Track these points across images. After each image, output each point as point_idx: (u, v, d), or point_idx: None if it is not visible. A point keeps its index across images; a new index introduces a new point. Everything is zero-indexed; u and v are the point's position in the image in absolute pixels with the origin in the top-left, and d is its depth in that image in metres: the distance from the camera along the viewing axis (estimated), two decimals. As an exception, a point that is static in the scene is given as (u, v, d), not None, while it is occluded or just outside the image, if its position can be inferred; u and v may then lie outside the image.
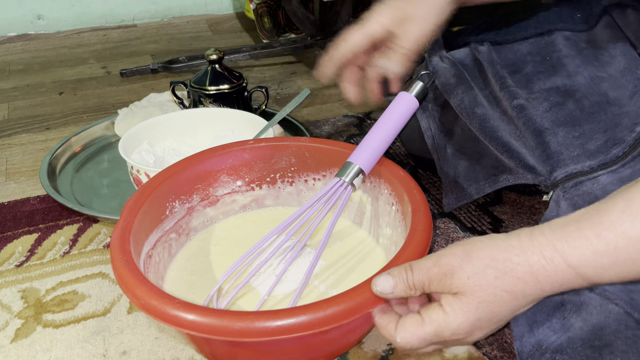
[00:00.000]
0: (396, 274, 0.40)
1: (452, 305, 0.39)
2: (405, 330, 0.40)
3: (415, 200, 0.51)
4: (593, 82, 0.55)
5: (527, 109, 0.55)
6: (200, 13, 1.51)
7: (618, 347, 0.38)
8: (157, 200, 0.54)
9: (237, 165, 0.61)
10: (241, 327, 0.38)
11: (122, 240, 0.46)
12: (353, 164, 0.53)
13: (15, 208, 0.72)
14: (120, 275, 0.43)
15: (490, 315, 0.38)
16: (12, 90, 1.10)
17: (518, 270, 0.37)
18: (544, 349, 0.41)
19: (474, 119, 0.58)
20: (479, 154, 0.61)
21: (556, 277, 0.36)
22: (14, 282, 0.60)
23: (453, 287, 0.38)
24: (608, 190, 0.47)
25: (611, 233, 0.34)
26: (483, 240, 0.39)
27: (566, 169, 0.50)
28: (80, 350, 0.52)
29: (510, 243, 0.37)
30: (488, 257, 0.37)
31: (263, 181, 0.62)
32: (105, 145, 0.85)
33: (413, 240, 0.46)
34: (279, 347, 0.43)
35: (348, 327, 0.44)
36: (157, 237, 0.53)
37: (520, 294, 0.37)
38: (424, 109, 0.67)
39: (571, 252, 0.35)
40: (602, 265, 0.35)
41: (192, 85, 0.83)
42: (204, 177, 0.59)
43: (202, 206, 0.59)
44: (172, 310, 0.39)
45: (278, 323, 0.38)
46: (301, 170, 0.62)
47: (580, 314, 0.40)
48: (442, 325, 0.39)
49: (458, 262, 0.38)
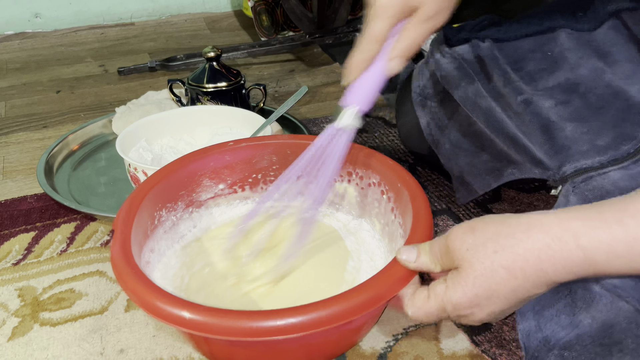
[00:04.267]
0: (421, 247, 0.42)
1: (453, 279, 0.39)
2: (414, 305, 0.41)
3: (411, 186, 0.51)
4: (596, 74, 0.54)
5: (533, 104, 0.55)
6: (198, 11, 1.50)
7: (628, 345, 0.37)
8: (146, 210, 0.52)
9: (219, 168, 0.59)
10: (241, 326, 0.38)
11: (124, 249, 0.45)
12: (342, 107, 0.49)
13: (12, 206, 0.72)
14: (121, 276, 0.42)
15: (488, 292, 0.37)
16: (9, 88, 1.09)
17: (520, 246, 0.36)
18: (552, 344, 0.40)
19: (479, 112, 0.58)
20: (480, 147, 0.60)
21: (560, 257, 0.35)
22: (10, 281, 0.60)
23: (455, 260, 0.38)
24: (619, 185, 0.46)
25: (634, 221, 0.33)
26: (493, 217, 0.39)
27: (576, 163, 0.50)
28: (77, 349, 0.51)
29: (519, 220, 0.37)
30: (492, 231, 0.37)
31: (245, 182, 0.61)
32: (103, 144, 0.85)
33: (419, 224, 0.46)
34: (281, 347, 0.42)
35: (350, 327, 0.44)
36: (150, 246, 0.52)
37: (520, 272, 0.36)
38: (423, 107, 0.66)
39: (585, 232, 0.34)
40: (615, 252, 0.34)
41: (190, 83, 0.82)
42: (187, 183, 0.58)
43: (187, 213, 0.58)
44: (174, 310, 0.39)
45: (279, 322, 0.38)
46: (283, 168, 0.62)
47: (589, 310, 0.40)
48: (444, 300, 0.39)
49: (461, 233, 0.38)
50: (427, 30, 0.48)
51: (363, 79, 0.48)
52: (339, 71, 1.12)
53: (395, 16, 0.47)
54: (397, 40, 0.47)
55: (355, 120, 0.49)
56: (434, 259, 0.41)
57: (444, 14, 0.48)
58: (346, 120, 0.48)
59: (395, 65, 0.48)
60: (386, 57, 0.48)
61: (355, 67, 0.48)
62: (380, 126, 0.89)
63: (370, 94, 0.49)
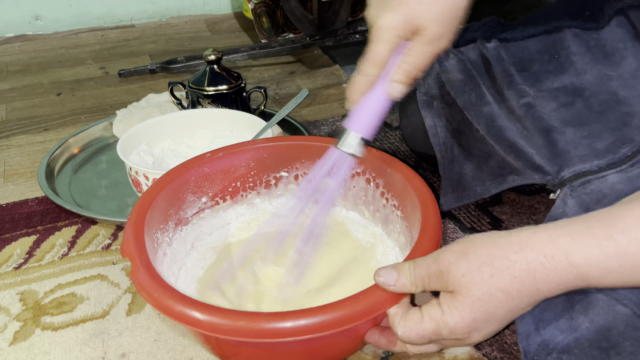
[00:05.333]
0: (400, 268, 0.41)
1: (448, 304, 0.38)
2: (406, 326, 0.40)
3: (423, 194, 0.51)
4: (602, 81, 0.55)
5: (535, 107, 0.55)
6: (198, 13, 1.50)
7: (625, 348, 0.37)
8: (147, 235, 0.51)
9: (200, 181, 0.59)
10: (256, 327, 0.38)
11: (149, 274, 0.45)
12: (347, 130, 0.48)
13: (13, 210, 0.72)
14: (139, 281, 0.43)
15: (485, 316, 0.38)
16: (9, 91, 1.09)
17: (515, 268, 0.36)
18: (551, 348, 0.40)
19: (481, 118, 0.58)
20: (487, 154, 0.60)
21: (554, 276, 0.35)
22: (12, 285, 0.60)
23: (449, 285, 0.38)
24: (616, 189, 0.46)
25: (624, 237, 0.33)
26: (482, 237, 0.38)
27: (574, 168, 0.50)
28: (79, 353, 0.51)
29: (509, 240, 0.37)
30: (485, 254, 0.37)
31: (226, 192, 0.61)
32: (104, 147, 0.85)
33: (426, 233, 0.46)
34: (283, 349, 0.43)
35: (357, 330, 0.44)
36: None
37: (517, 294, 0.36)
38: (429, 107, 0.66)
39: (576, 249, 0.34)
40: (608, 268, 0.34)
41: (191, 86, 0.82)
42: (174, 201, 0.57)
43: (178, 231, 0.57)
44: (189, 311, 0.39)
45: (289, 324, 0.38)
46: (261, 173, 0.62)
47: (587, 314, 0.40)
48: (440, 324, 0.39)
49: (454, 259, 0.38)
50: (430, 54, 0.46)
51: (366, 104, 0.47)
52: (339, 73, 1.12)
53: (398, 37, 0.45)
54: (400, 64, 0.46)
55: (358, 147, 0.48)
56: (417, 282, 0.40)
57: (447, 36, 0.46)
58: (349, 147, 0.48)
59: (398, 89, 0.46)
60: (389, 80, 0.46)
61: (357, 90, 0.47)
62: (381, 129, 0.89)
63: (373, 120, 0.48)
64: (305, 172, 0.62)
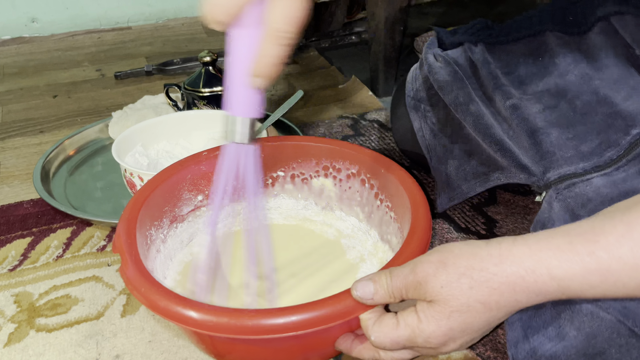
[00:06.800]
0: (377, 280, 0.40)
1: (425, 312, 0.38)
2: (380, 331, 0.40)
3: (414, 196, 0.51)
4: (584, 80, 0.55)
5: (521, 109, 0.55)
6: (195, 15, 1.51)
7: (611, 355, 0.37)
8: (139, 231, 0.51)
9: (196, 179, 0.59)
10: (248, 324, 0.38)
11: (137, 269, 0.45)
12: (231, 117, 0.42)
13: (8, 212, 0.72)
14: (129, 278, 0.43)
15: (463, 325, 0.37)
16: (6, 93, 1.09)
17: (494, 280, 0.35)
18: (539, 356, 0.40)
19: (468, 116, 0.58)
20: (469, 152, 0.61)
21: (534, 288, 0.35)
22: (7, 287, 0.60)
23: (427, 295, 0.38)
24: (601, 193, 0.46)
25: (606, 254, 0.33)
26: (462, 248, 0.38)
27: (559, 170, 0.50)
28: (73, 355, 0.51)
29: (489, 251, 0.36)
30: (464, 265, 0.36)
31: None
32: (99, 148, 0.85)
33: (413, 238, 0.46)
34: (275, 345, 0.43)
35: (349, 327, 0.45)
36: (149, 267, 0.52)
37: (495, 305, 0.36)
38: (416, 109, 0.67)
39: (558, 264, 0.34)
40: (589, 283, 0.34)
41: (186, 88, 0.83)
42: (169, 199, 0.57)
43: (173, 228, 0.58)
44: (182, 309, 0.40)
45: (281, 320, 0.38)
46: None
47: (573, 322, 0.40)
48: (416, 332, 0.38)
49: (433, 270, 0.37)
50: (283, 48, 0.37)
51: (236, 79, 0.40)
52: (335, 74, 1.13)
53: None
54: (257, 59, 0.39)
55: (251, 132, 0.42)
56: (395, 293, 0.39)
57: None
58: (243, 135, 0.42)
59: (259, 83, 0.39)
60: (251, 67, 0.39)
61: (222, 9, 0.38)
62: (375, 129, 0.89)
63: (253, 94, 0.40)
64: (302, 172, 0.63)
